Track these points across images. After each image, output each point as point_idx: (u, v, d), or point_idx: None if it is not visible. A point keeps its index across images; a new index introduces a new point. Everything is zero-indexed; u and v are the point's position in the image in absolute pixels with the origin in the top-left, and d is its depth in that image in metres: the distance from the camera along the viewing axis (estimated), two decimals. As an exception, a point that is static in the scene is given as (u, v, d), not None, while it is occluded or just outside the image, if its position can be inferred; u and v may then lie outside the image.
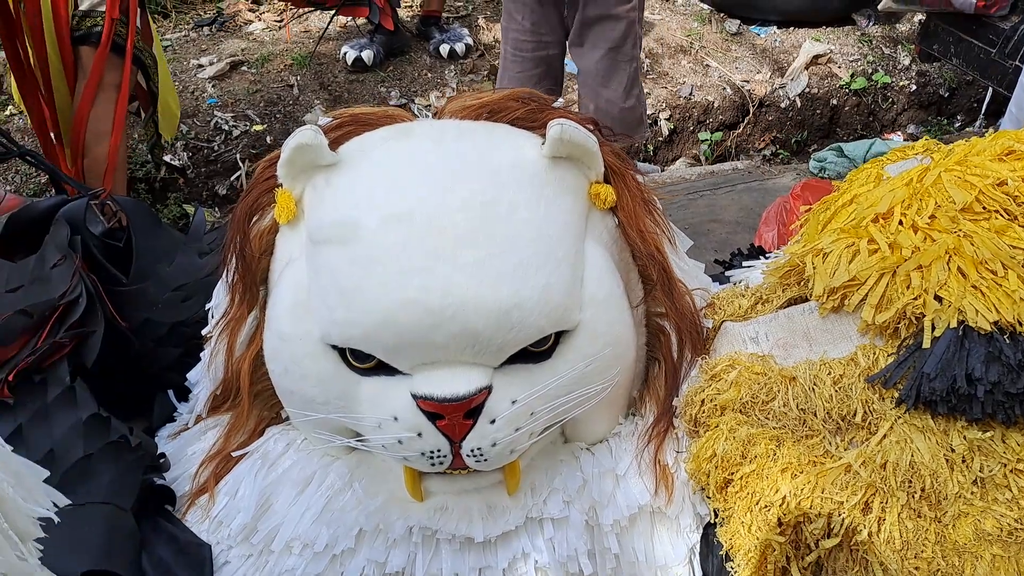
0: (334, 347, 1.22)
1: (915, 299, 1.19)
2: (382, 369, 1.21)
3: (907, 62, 3.65)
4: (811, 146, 3.57)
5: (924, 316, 1.17)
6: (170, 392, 1.63)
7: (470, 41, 3.70)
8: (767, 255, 1.76)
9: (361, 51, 3.46)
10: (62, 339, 1.39)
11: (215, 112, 3.12)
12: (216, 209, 2.88)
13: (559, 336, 1.22)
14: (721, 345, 1.35)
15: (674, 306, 1.39)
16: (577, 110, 1.58)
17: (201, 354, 1.55)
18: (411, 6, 3.96)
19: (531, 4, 2.44)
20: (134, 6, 2.27)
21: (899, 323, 1.20)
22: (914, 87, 3.65)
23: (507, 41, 2.56)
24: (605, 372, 1.27)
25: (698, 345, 1.40)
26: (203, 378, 1.53)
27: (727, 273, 1.71)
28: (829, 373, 1.21)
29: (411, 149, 1.29)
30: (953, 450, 1.12)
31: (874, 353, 1.20)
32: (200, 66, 3.36)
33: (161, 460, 1.43)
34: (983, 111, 3.56)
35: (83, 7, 2.19)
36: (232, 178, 2.97)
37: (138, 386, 1.61)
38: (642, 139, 2.54)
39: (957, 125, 3.70)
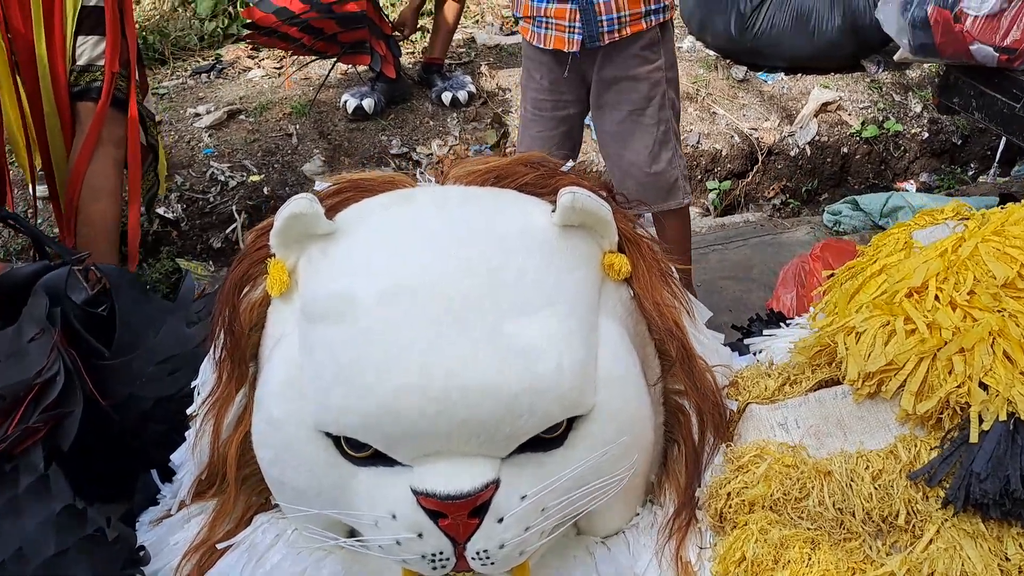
0: (328, 434, 1.13)
1: (958, 387, 1.10)
2: (380, 459, 1.12)
3: (918, 109, 3.60)
4: (822, 195, 3.50)
5: (969, 406, 1.08)
6: (154, 472, 1.53)
7: (473, 89, 3.65)
8: (787, 321, 1.68)
9: (362, 99, 3.41)
10: (36, 424, 1.30)
11: (211, 162, 3.06)
12: (211, 263, 2.80)
13: (572, 421, 1.13)
14: (747, 430, 1.25)
15: (694, 385, 1.31)
16: (594, 171, 1.49)
17: (187, 433, 1.46)
18: (413, 52, 3.93)
19: (549, 63, 2.34)
20: (134, 58, 2.21)
21: (942, 413, 1.11)
22: (926, 135, 3.59)
23: (526, 100, 2.47)
24: (623, 460, 1.17)
25: (721, 428, 1.31)
26: (187, 460, 1.44)
27: (746, 341, 1.62)
28: (867, 468, 1.11)
29: (413, 216, 1.21)
30: (1008, 559, 1.02)
31: (916, 445, 1.11)
32: (197, 115, 3.30)
33: (141, 553, 1.33)
34: (997, 159, 3.50)
35: (81, 62, 2.13)
36: (227, 230, 2.90)
37: (120, 464, 1.52)
38: (678, 205, 2.37)
39: (971, 173, 3.64)
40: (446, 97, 3.58)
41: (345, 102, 3.44)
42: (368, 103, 3.40)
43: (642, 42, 2.23)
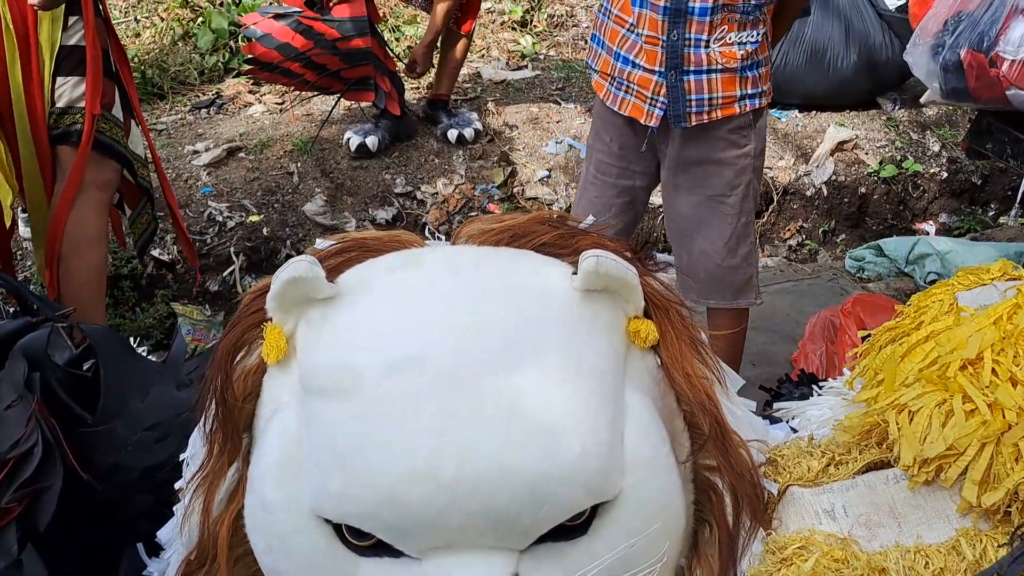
0: (327, 520, 1.03)
1: (1029, 476, 1.00)
2: (385, 549, 1.02)
3: (937, 148, 3.54)
4: (839, 235, 3.43)
5: (1042, 498, 0.98)
6: (140, 546, 1.44)
7: (479, 126, 3.58)
8: (819, 383, 1.58)
9: (365, 137, 3.34)
10: (10, 503, 1.20)
11: (209, 202, 2.99)
12: (207, 307, 2.71)
13: (596, 507, 1.03)
14: (788, 516, 1.15)
15: (728, 463, 1.20)
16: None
17: (175, 508, 1.36)
18: (418, 88, 3.87)
19: (622, 127, 2.18)
20: (134, 96, 2.14)
21: (1010, 505, 1.01)
22: (945, 174, 3.52)
23: (590, 161, 2.30)
24: (652, 549, 1.07)
25: (758, 511, 1.20)
26: (175, 539, 1.34)
27: (776, 406, 1.53)
28: (927, 565, 1.01)
29: (421, 281, 1.12)
30: (1094, 676, 0.91)
31: (981, 541, 1.01)
32: (195, 152, 3.23)
33: (123, 642, 1.23)
34: (1018, 200, 3.43)
35: (60, 104, 2.04)
36: (225, 273, 2.81)
37: (103, 538, 1.44)
38: (748, 304, 2.16)
39: (991, 214, 3.57)
40: (452, 134, 3.51)
41: (348, 139, 3.36)
42: (372, 141, 3.33)
43: (731, 125, 2.08)
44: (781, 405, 1.52)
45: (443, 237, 1.19)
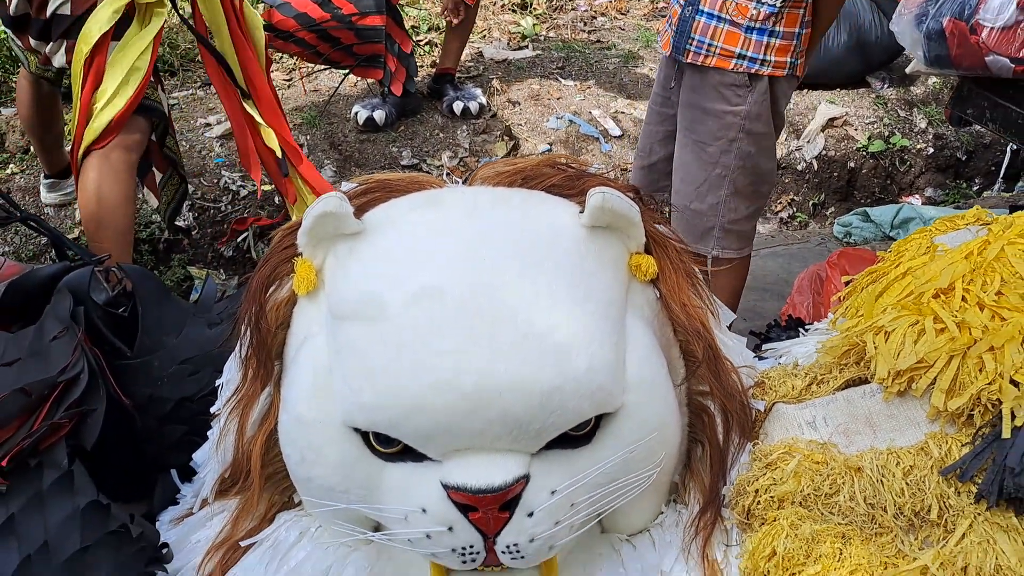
0: (356, 430, 1.13)
1: (989, 384, 1.11)
2: (409, 455, 1.12)
3: (924, 125, 3.64)
4: (829, 208, 3.52)
5: (1001, 403, 1.09)
6: (173, 472, 1.53)
7: (483, 100, 3.66)
8: (805, 326, 1.68)
9: (373, 111, 3.42)
10: (61, 419, 1.30)
11: (222, 171, 3.07)
12: (221, 271, 2.81)
13: (600, 419, 1.14)
14: (774, 429, 1.26)
15: (720, 386, 1.31)
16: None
17: (209, 433, 1.46)
18: (422, 66, 3.95)
19: (665, 62, 2.31)
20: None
21: (973, 409, 1.11)
22: (931, 150, 3.62)
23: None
24: (649, 458, 1.18)
25: (746, 428, 1.31)
26: (210, 459, 1.44)
27: (765, 347, 1.62)
28: (898, 464, 1.11)
29: (442, 218, 1.22)
30: (1043, 553, 1.02)
31: (947, 442, 1.11)
32: (207, 125, 3.31)
33: (163, 551, 1.32)
34: (1001, 174, 3.53)
35: None
36: (239, 239, 2.90)
37: (139, 466, 1.52)
38: (705, 253, 2.22)
39: (976, 188, 3.67)
40: (457, 107, 3.58)
41: (356, 113, 3.44)
42: (379, 115, 3.41)
43: (725, 80, 2.13)
44: (770, 346, 1.62)
45: (459, 181, 1.27)
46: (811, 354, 1.43)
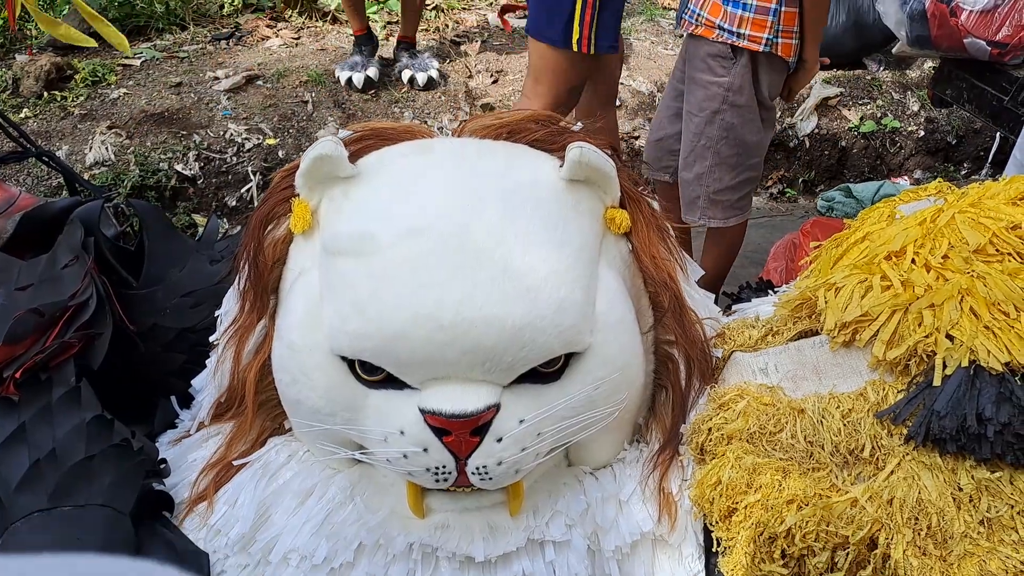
0: (343, 358, 1.22)
1: (927, 337, 1.19)
2: (390, 382, 1.21)
3: (916, 108, 3.69)
4: (818, 186, 3.59)
5: (935, 354, 1.18)
6: (173, 398, 1.62)
7: (434, 73, 3.59)
8: (775, 289, 1.77)
9: (352, 71, 3.41)
10: (70, 339, 1.39)
11: (228, 124, 3.14)
12: (225, 220, 2.89)
13: (569, 358, 1.22)
14: (730, 375, 1.35)
15: (684, 334, 1.40)
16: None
17: (207, 361, 1.54)
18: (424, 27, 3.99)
19: (684, 40, 2.38)
20: None
21: (910, 360, 1.20)
22: (922, 133, 3.68)
23: None
24: (613, 396, 1.27)
25: (707, 374, 1.40)
26: (208, 385, 1.53)
27: (735, 306, 1.71)
28: (838, 407, 1.21)
29: (431, 165, 1.30)
30: (961, 489, 1.12)
31: (884, 389, 1.20)
32: (216, 78, 3.38)
33: (162, 466, 1.42)
34: (989, 159, 3.60)
35: None
36: (242, 190, 2.98)
37: (141, 390, 1.61)
38: (691, 223, 2.29)
39: (963, 172, 3.73)
40: (405, 75, 3.55)
41: (340, 76, 3.42)
42: (357, 77, 3.39)
43: (711, 51, 2.20)
44: (739, 306, 1.70)
45: (448, 132, 1.34)
46: (772, 311, 1.52)
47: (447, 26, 4.02)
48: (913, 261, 1.31)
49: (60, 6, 3.70)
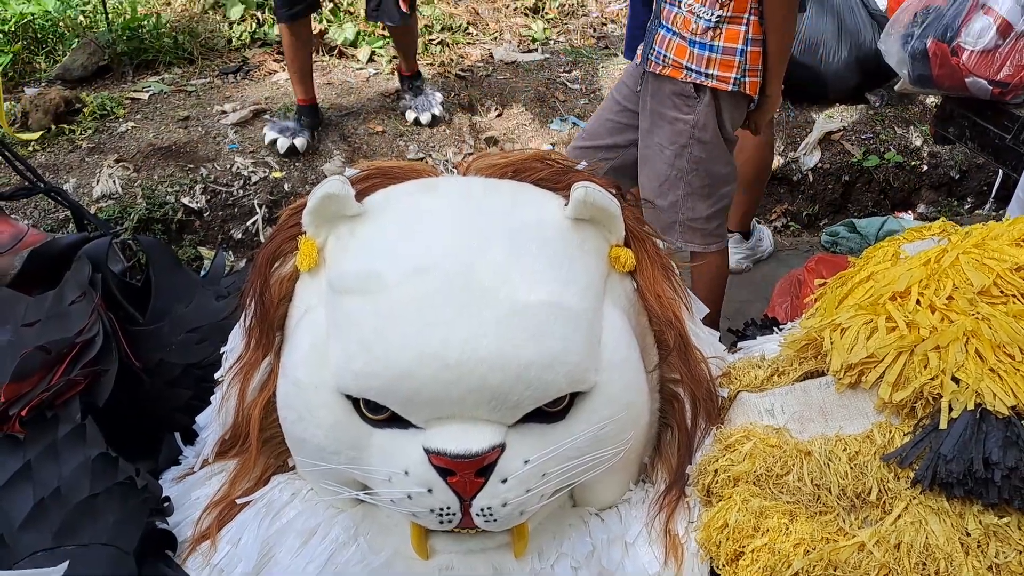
0: (348, 397, 1.22)
1: (932, 379, 1.19)
2: (395, 422, 1.21)
3: (919, 143, 3.71)
4: (822, 220, 3.60)
5: (941, 397, 1.17)
6: (177, 435, 1.62)
7: (437, 111, 3.55)
8: (781, 326, 1.77)
9: (293, 138, 3.21)
10: (77, 376, 1.39)
11: (235, 157, 3.16)
12: (231, 253, 2.90)
13: (574, 397, 1.22)
14: (736, 415, 1.35)
15: (689, 373, 1.39)
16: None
17: (212, 397, 1.54)
18: (431, 64, 4.03)
19: (632, 70, 2.44)
20: None
21: (916, 402, 1.20)
22: (925, 167, 3.70)
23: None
24: (619, 436, 1.26)
25: (712, 414, 1.40)
26: (212, 422, 1.53)
27: (740, 344, 1.71)
28: (845, 449, 1.20)
29: (437, 204, 1.30)
30: (968, 534, 1.11)
31: (890, 431, 1.20)
32: (223, 112, 3.41)
33: (165, 504, 1.42)
34: (993, 195, 3.61)
35: None
36: (248, 223, 3.00)
37: (146, 426, 1.61)
38: (667, 245, 2.32)
39: (967, 207, 3.74)
40: (409, 116, 3.52)
41: (274, 141, 3.18)
42: (300, 142, 3.19)
43: (676, 89, 2.26)
44: (744, 343, 1.71)
45: (454, 171, 1.35)
46: (778, 349, 1.52)
47: (452, 60, 4.06)
48: (918, 302, 1.31)
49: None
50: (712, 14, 2.15)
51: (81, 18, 4.04)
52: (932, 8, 2.31)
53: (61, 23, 3.91)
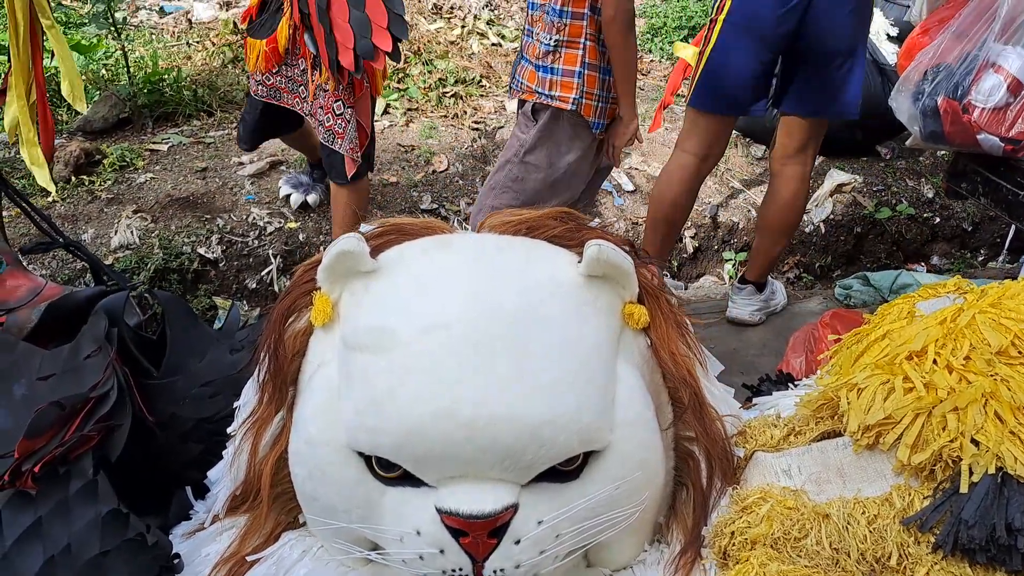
0: (360, 454, 1.21)
1: (951, 442, 1.18)
2: (407, 480, 1.20)
3: (931, 195, 3.72)
4: (835, 271, 3.59)
5: (961, 460, 1.16)
6: (188, 489, 1.61)
7: (312, 198, 3.26)
8: (795, 382, 1.75)
9: (306, 194, 3.21)
10: (90, 432, 1.39)
11: (251, 208, 3.20)
12: (245, 303, 2.92)
13: (588, 456, 1.21)
14: (752, 476, 1.33)
15: (705, 432, 1.38)
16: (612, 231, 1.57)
17: (224, 452, 1.54)
18: (445, 115, 4.08)
19: None
20: None
21: (935, 465, 1.18)
22: (938, 219, 3.70)
23: None
24: (634, 496, 1.25)
25: (728, 473, 1.38)
26: (224, 477, 1.52)
27: (755, 399, 1.70)
28: (863, 512, 1.18)
29: (451, 261, 1.31)
30: (993, 602, 1.09)
31: (910, 494, 1.18)
32: (240, 163, 3.46)
33: (175, 561, 1.40)
34: (1006, 247, 3.60)
35: None
36: (263, 272, 3.02)
37: (158, 480, 1.60)
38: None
39: (980, 259, 3.73)
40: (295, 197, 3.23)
41: (288, 196, 3.19)
42: (313, 198, 3.19)
43: (525, 110, 2.48)
44: (759, 399, 1.69)
45: (468, 228, 1.36)
46: (794, 407, 1.51)
47: (465, 112, 4.11)
48: (935, 362, 1.30)
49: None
50: (551, 39, 2.36)
51: (103, 71, 4.12)
52: (943, 66, 2.33)
53: (84, 76, 3.99)
